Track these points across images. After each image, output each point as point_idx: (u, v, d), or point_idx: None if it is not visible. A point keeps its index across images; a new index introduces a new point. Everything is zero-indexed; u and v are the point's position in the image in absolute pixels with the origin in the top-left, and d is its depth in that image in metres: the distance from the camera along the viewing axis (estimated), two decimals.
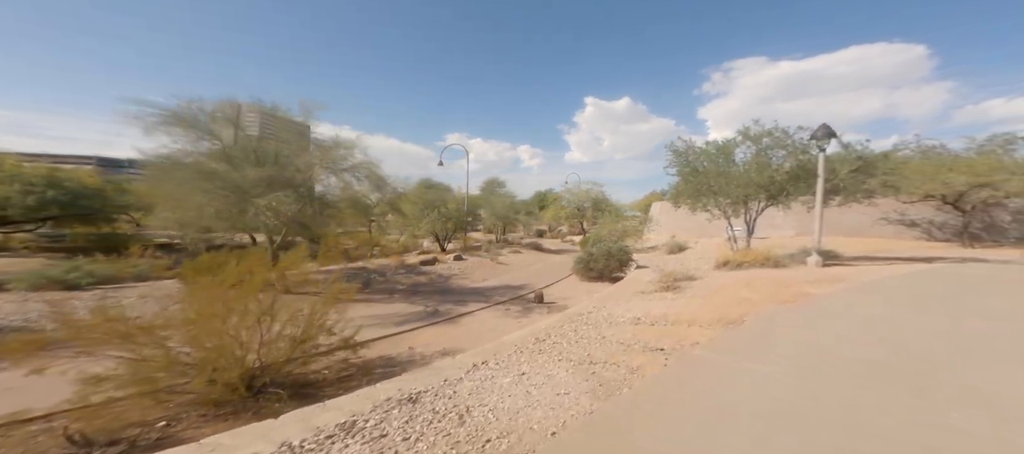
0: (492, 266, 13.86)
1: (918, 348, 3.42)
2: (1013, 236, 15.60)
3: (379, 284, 9.30)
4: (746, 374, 2.81)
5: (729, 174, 10.37)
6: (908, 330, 4.04)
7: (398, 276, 9.97)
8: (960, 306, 5.23)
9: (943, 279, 7.55)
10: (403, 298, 8.10)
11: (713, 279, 8.59)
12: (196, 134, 8.00)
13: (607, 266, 12.39)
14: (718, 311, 5.04)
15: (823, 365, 2.97)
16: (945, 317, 4.57)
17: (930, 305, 5.33)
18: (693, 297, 6.51)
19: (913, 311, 4.94)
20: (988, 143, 14.34)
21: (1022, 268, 8.97)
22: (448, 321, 6.41)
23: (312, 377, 3.59)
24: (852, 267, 9.44)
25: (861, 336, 3.83)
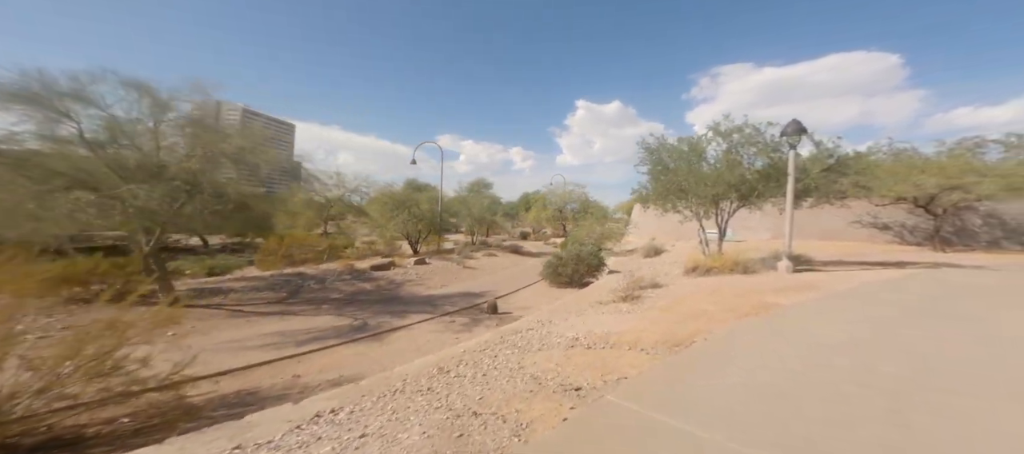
0: (457, 271, 13.04)
1: (894, 385, 2.79)
2: (984, 240, 15.66)
3: (312, 293, 8.32)
4: (665, 437, 2.08)
5: (699, 172, 9.81)
6: (883, 356, 3.42)
7: (339, 283, 9.04)
8: (940, 321, 4.69)
9: (917, 288, 7.10)
10: (333, 310, 7.19)
11: (678, 287, 8.00)
12: (45, 114, 6.20)
13: (576, 271, 11.74)
14: (668, 329, 4.36)
15: (771, 420, 2.28)
16: (924, 339, 3.99)
17: (906, 322, 4.77)
18: (649, 310, 5.86)
19: (888, 329, 4.36)
20: (958, 146, 14.31)
21: (995, 274, 8.67)
22: (373, 337, 5.58)
23: (90, 431, 2.67)
24: (823, 273, 8.99)
25: (825, 367, 3.18)
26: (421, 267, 12.09)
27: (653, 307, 5.98)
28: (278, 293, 7.65)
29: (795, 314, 5.06)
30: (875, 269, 9.59)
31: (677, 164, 10.17)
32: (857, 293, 6.37)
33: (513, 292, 10.76)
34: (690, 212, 11.55)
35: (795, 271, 9.21)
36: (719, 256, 9.72)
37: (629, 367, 3.29)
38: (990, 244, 15.49)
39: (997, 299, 6.05)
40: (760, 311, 5.32)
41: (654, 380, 2.95)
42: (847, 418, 2.25)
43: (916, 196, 13.34)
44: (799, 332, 4.19)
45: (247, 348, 4.52)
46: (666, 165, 10.52)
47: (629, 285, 7.51)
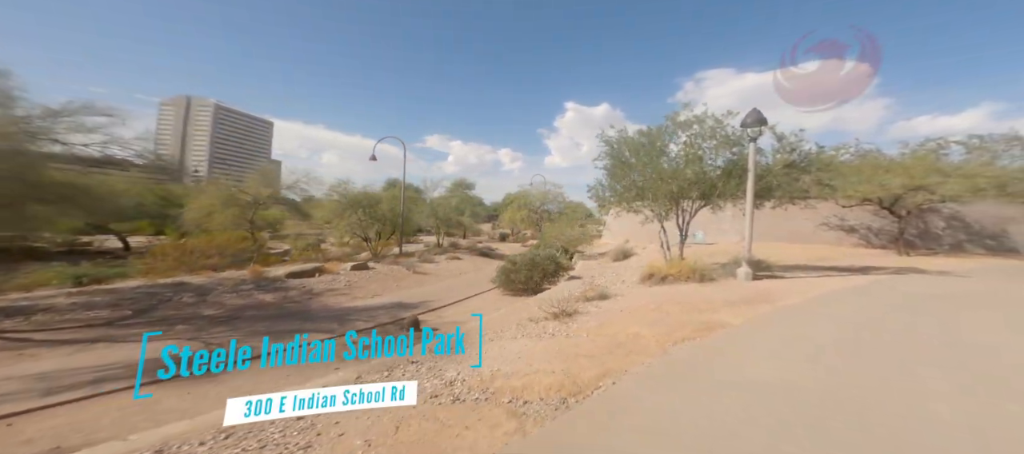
0: (403, 277, 11.86)
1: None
2: (946, 243, 15.62)
3: (179, 309, 6.74)
4: None
5: (657, 168, 8.97)
6: (821, 411, 2.53)
7: (230, 295, 7.57)
8: (906, 345, 3.91)
9: (882, 300, 6.41)
10: (189, 332, 5.79)
11: (625, 299, 7.13)
12: None
13: (530, 278, 10.79)
14: (576, 367, 3.39)
15: None
16: (876, 384, 3.14)
17: (867, 349, 3.96)
18: (575, 333, 4.91)
19: (846, 360, 3.52)
20: (921, 148, 14.15)
21: (960, 281, 8.18)
22: (203, 378, 4.36)
23: None
24: (784, 281, 8.31)
25: (738, 437, 2.25)
26: (360, 273, 10.86)
27: (582, 329, 5.04)
28: (119, 311, 6.27)
29: (735, 340, 4.19)
30: (838, 276, 9.02)
31: (636, 159, 9.30)
32: (812, 308, 5.60)
33: (458, 302, 9.69)
34: (652, 212, 10.77)
35: (755, 278, 8.52)
36: (678, 262, 8.92)
37: (484, 438, 2.28)
38: (953, 247, 15.46)
39: (967, 313, 5.39)
40: (701, 333, 4.44)
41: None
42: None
43: (881, 197, 13.12)
44: (728, 370, 3.29)
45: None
46: (626, 160, 9.63)
47: (567, 299, 6.58)
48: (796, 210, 18.79)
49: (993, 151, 13.52)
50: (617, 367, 3.31)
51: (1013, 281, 8.64)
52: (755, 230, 21.00)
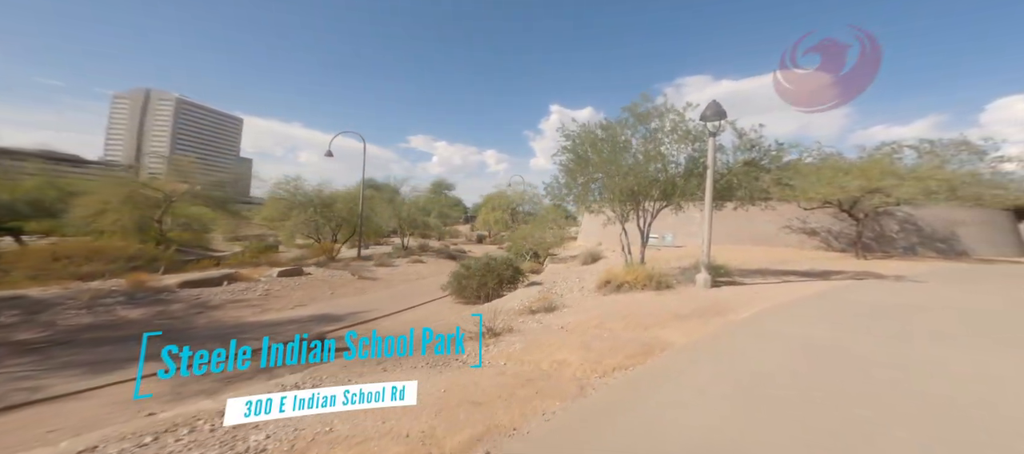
0: (344, 284, 10.72)
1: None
2: (901, 246, 16.00)
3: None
4: None
5: (616, 163, 8.31)
6: None
7: (77, 312, 5.98)
8: (854, 382, 3.32)
9: (836, 312, 5.97)
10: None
11: (574, 311, 6.41)
12: None
13: (483, 284, 9.95)
14: (451, 419, 2.56)
15: None
16: (824, 426, 2.48)
17: (807, 385, 3.34)
18: (494, 358, 4.11)
19: (778, 408, 2.86)
20: (877, 152, 14.37)
21: (918, 287, 7.98)
22: None
23: None
24: (743, 288, 7.85)
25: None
26: (288, 281, 9.62)
27: (502, 354, 4.23)
28: None
29: (668, 371, 3.49)
30: (797, 281, 8.70)
31: (594, 154, 8.61)
32: (762, 324, 5.03)
33: (397, 313, 8.70)
34: (614, 212, 10.17)
35: (715, 284, 8.04)
36: (636, 268, 8.30)
37: None
38: (906, 250, 15.85)
39: (926, 328, 4.96)
40: (636, 359, 3.73)
41: None
42: None
43: (841, 199, 13.20)
44: (642, 422, 2.55)
45: None
46: (585, 156, 8.92)
47: (507, 312, 5.80)
48: (760, 213, 18.87)
49: (942, 156, 13.87)
50: (505, 422, 2.50)
51: (965, 284, 8.56)
52: (721, 233, 21.01)
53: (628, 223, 9.65)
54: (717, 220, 21.98)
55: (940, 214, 15.90)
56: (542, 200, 32.39)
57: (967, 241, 15.80)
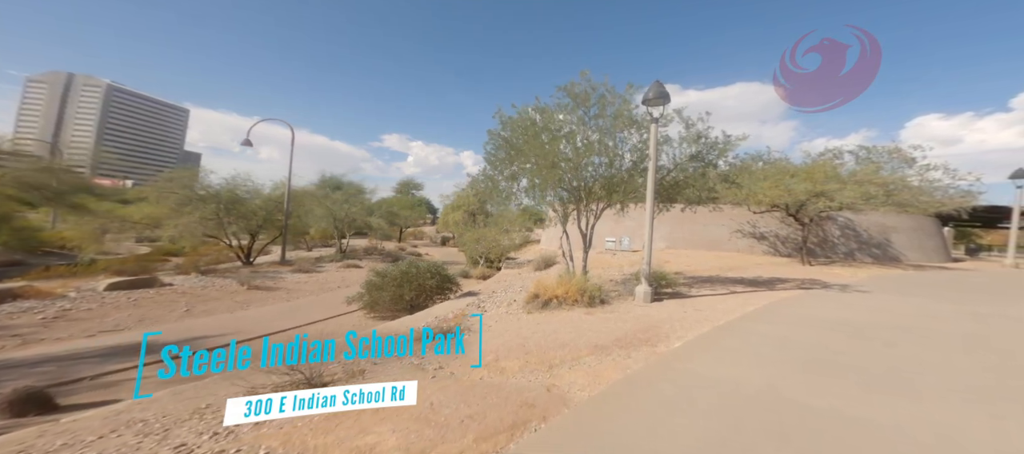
0: (222, 297, 8.64)
1: None
2: (841, 252, 16.37)
3: None
4: None
5: (547, 152, 7.08)
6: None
7: None
8: (821, 433, 2.20)
9: (789, 336, 5.06)
10: None
11: (477, 338, 5.09)
12: None
13: (400, 296, 8.37)
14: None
15: None
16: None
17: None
18: (266, 438, 2.61)
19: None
20: (820, 157, 14.53)
21: (864, 299, 7.44)
22: None
23: None
24: (686, 302, 6.90)
25: None
26: (121, 295, 7.32)
27: (280, 435, 2.74)
28: None
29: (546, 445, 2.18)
30: (743, 291, 7.96)
31: (525, 143, 7.31)
32: (697, 360, 3.94)
33: (281, 332, 6.88)
34: (555, 212, 9.00)
35: (655, 298, 7.06)
36: (570, 280, 7.10)
37: None
38: (846, 255, 16.21)
39: (884, 364, 4.10)
40: (500, 436, 2.41)
41: None
42: None
43: (788, 203, 13.15)
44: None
45: None
46: (513, 144, 7.58)
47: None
48: (713, 218, 18.91)
49: (878, 163, 14.21)
50: None
51: (912, 297, 8.20)
52: (676, 237, 20.73)
53: (582, 225, 8.50)
54: (672, 224, 21.65)
55: (876, 220, 16.46)
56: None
57: (899, 247, 16.46)
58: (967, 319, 5.86)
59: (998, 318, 6.02)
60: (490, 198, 8.06)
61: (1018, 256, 16.02)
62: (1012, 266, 15.28)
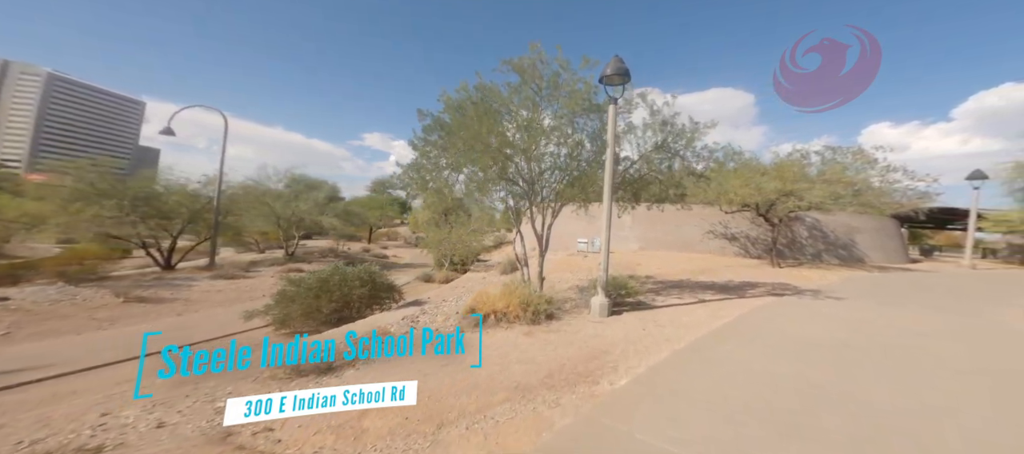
0: (81, 312, 6.89)
1: None
2: (809, 253, 16.23)
3: None
4: None
5: (483, 136, 5.90)
6: None
7: None
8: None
9: (763, 365, 4.14)
10: None
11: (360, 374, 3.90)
12: None
13: (316, 308, 6.98)
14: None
15: None
16: None
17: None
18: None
19: None
20: (789, 157, 14.27)
21: (838, 306, 6.76)
22: None
23: None
24: (647, 315, 5.94)
25: None
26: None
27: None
28: None
29: None
30: (713, 300, 7.13)
31: (461, 125, 6.08)
32: (646, 410, 2.89)
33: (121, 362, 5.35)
34: (509, 206, 7.87)
35: (613, 311, 6.08)
36: (517, 290, 5.97)
37: None
38: (814, 257, 16.09)
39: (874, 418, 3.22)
40: None
41: None
42: None
43: (758, 202, 12.78)
44: None
45: None
46: (450, 130, 6.33)
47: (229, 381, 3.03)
48: (685, 218, 18.39)
49: (844, 163, 14.07)
50: None
51: (890, 307, 7.63)
52: (648, 238, 20.14)
53: (537, 226, 7.41)
54: (645, 225, 20.96)
55: (842, 221, 16.46)
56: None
57: (863, 248, 16.54)
58: (958, 334, 5.20)
59: (985, 329, 5.41)
60: (421, 191, 6.76)
61: (972, 256, 16.47)
62: (969, 266, 15.63)
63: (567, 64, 6.45)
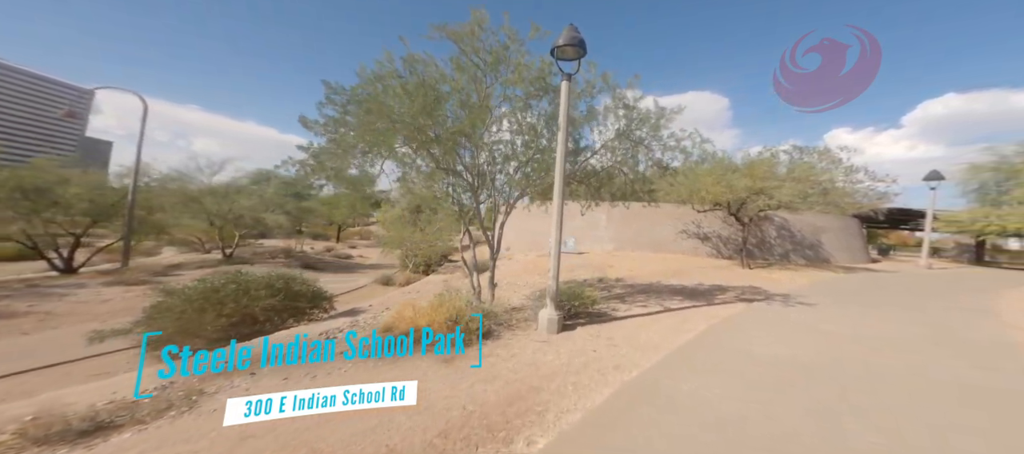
0: None
1: None
2: (778, 253, 16.16)
3: None
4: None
5: (393, 114, 4.78)
6: None
7: None
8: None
9: (723, 402, 3.29)
10: None
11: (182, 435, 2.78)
12: None
13: (199, 322, 5.64)
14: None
15: None
16: None
17: None
18: None
19: None
20: (759, 155, 14.05)
21: (810, 314, 6.14)
22: None
23: None
24: (600, 332, 5.04)
25: None
26: None
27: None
28: None
29: None
30: (679, 308, 6.35)
31: (372, 105, 4.89)
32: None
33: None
34: (455, 200, 6.80)
35: (564, 326, 5.17)
36: (448, 301, 4.90)
37: None
38: (782, 257, 16.02)
39: None
40: None
41: None
42: None
43: (730, 201, 12.46)
44: None
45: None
46: (368, 107, 5.13)
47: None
48: (659, 218, 17.93)
49: (811, 162, 13.99)
50: None
51: (862, 317, 7.13)
52: (622, 238, 19.58)
53: (496, 225, 6.38)
54: (618, 225, 20.30)
55: (808, 221, 16.51)
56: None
57: (829, 247, 16.67)
58: (945, 355, 4.61)
59: (969, 346, 4.88)
60: (328, 177, 5.53)
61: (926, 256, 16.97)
62: (925, 266, 16.02)
63: (515, 34, 5.46)
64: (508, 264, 17.57)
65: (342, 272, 17.96)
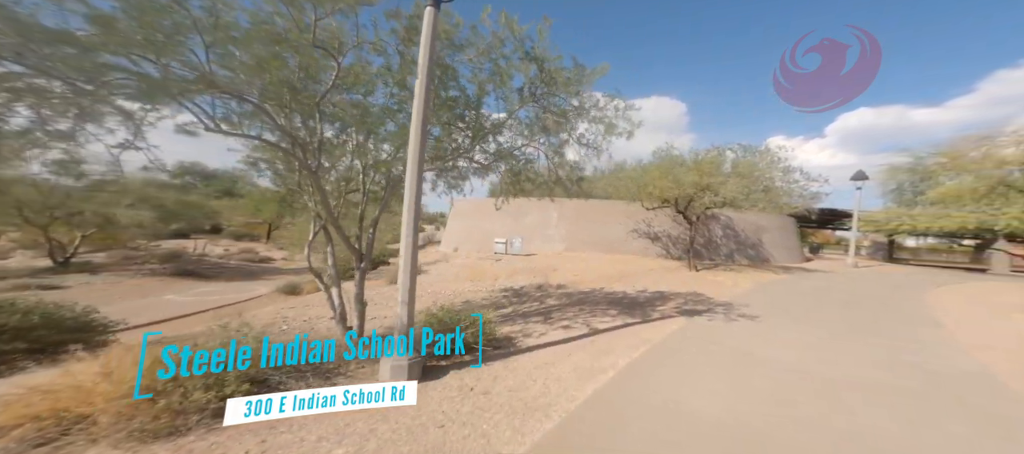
0: None
1: None
2: (723, 253, 15.91)
3: None
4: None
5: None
6: None
7: None
8: None
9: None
10: None
11: None
12: None
13: None
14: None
15: None
16: None
17: None
18: None
19: None
20: (706, 154, 13.53)
21: (752, 334, 4.97)
22: None
23: None
24: (481, 376, 3.34)
25: None
26: None
27: None
28: None
29: None
30: (607, 331, 4.91)
31: None
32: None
33: None
34: (312, 201, 4.79)
35: (427, 372, 3.46)
36: (121, 360, 2.94)
37: None
38: (727, 257, 15.79)
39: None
40: None
41: None
42: None
43: (677, 197, 11.82)
44: None
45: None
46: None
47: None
48: (610, 217, 17.02)
49: (754, 161, 13.77)
50: None
51: (811, 336, 6.17)
52: (573, 238, 18.36)
53: (360, 224, 4.45)
54: (570, 224, 18.97)
55: (751, 220, 16.48)
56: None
57: (769, 246, 16.79)
58: (934, 412, 3.52)
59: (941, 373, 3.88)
60: None
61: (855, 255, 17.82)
62: (852, 265, 16.68)
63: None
64: (443, 267, 15.61)
65: (242, 279, 14.82)
